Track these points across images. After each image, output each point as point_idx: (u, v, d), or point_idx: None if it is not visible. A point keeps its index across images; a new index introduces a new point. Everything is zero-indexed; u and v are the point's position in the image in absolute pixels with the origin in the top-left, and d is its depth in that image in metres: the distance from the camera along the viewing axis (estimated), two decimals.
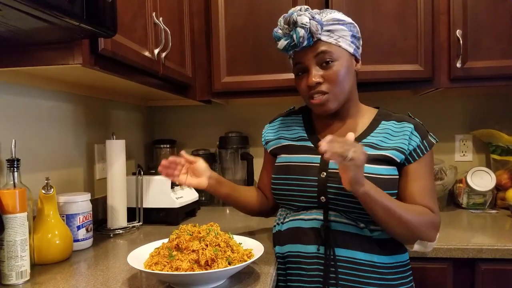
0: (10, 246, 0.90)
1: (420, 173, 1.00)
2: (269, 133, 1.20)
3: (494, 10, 1.48)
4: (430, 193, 1.01)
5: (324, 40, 0.99)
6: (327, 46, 0.99)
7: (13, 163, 0.95)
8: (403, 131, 1.03)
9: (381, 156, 1.00)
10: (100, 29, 0.82)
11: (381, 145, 1.01)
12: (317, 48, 0.99)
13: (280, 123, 1.19)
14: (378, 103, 1.18)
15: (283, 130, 1.16)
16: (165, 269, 0.84)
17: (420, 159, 1.01)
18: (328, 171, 1.01)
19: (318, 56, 0.99)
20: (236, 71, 1.60)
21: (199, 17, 1.65)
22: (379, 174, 0.98)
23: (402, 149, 1.00)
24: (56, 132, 1.32)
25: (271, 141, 1.18)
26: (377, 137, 1.03)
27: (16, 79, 1.13)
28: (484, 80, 1.51)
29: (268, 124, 1.24)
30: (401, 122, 1.05)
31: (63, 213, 1.15)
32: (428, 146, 1.02)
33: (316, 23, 0.96)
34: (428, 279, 1.25)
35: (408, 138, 1.01)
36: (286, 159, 1.09)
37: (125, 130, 1.79)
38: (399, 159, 1.00)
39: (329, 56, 0.99)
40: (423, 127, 1.04)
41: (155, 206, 1.48)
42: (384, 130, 1.04)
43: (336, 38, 1.00)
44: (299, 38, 0.96)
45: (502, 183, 1.70)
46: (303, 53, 1.01)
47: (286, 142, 1.13)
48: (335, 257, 0.98)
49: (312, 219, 1.02)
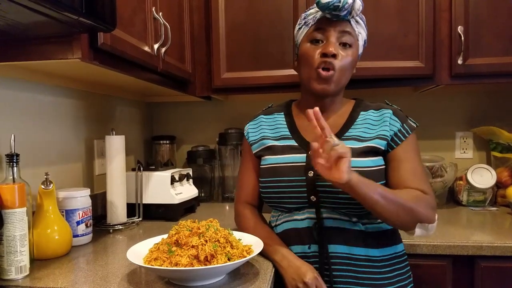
0: (9, 241, 0.90)
1: (406, 156, 1.00)
2: (252, 133, 1.16)
3: (495, 7, 1.47)
4: (419, 175, 0.99)
5: (352, 24, 1.02)
6: (352, 31, 1.02)
7: (12, 158, 0.95)
8: (382, 119, 1.04)
9: (365, 148, 1.00)
10: (99, 23, 0.81)
11: (364, 137, 1.02)
12: (344, 26, 1.01)
13: (261, 121, 1.17)
14: (378, 99, 1.17)
15: (266, 129, 1.14)
16: (164, 264, 0.84)
17: (403, 143, 1.01)
18: (315, 169, 1.00)
19: (342, 33, 1.01)
20: (236, 67, 1.59)
21: (199, 12, 1.64)
22: (366, 167, 0.98)
23: (385, 136, 1.01)
24: (55, 127, 1.31)
25: (254, 143, 1.14)
26: (358, 128, 1.04)
27: (15, 74, 1.12)
28: (485, 77, 1.50)
29: (249, 122, 1.20)
30: (379, 110, 1.06)
31: (63, 208, 1.15)
32: (409, 129, 1.02)
33: (360, 4, 0.99)
34: (427, 276, 1.25)
35: (388, 124, 1.02)
36: (272, 161, 1.07)
37: (124, 126, 1.79)
38: (382, 146, 1.00)
39: (350, 41, 1.02)
40: (401, 112, 1.06)
41: (154, 202, 1.48)
42: (364, 121, 1.05)
43: (358, 32, 1.04)
44: (344, 3, 0.96)
45: (502, 181, 1.70)
46: (331, 23, 1.01)
47: (269, 142, 1.10)
48: (328, 255, 0.98)
49: (305, 218, 1.02)
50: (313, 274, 0.92)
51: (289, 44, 1.56)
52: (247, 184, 1.16)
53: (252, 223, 1.10)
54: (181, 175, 1.58)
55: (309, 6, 1.55)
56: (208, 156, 1.93)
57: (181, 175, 1.58)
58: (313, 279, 0.90)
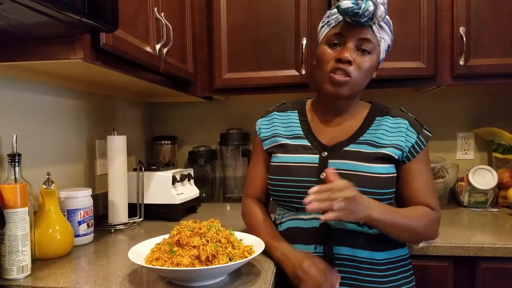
0: (11, 240, 0.90)
1: (420, 170, 1.02)
2: (264, 129, 1.16)
3: (497, 8, 1.47)
4: (430, 189, 1.03)
5: (373, 30, 0.99)
6: (373, 38, 0.99)
7: (14, 158, 0.95)
8: (398, 128, 1.04)
9: (380, 154, 1.00)
10: (101, 24, 0.81)
11: (379, 142, 1.02)
12: (365, 33, 0.98)
13: (274, 118, 1.16)
14: (379, 100, 1.17)
15: (278, 126, 1.13)
16: (166, 264, 0.84)
17: (419, 156, 1.02)
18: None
19: (361, 40, 0.98)
20: (238, 67, 1.59)
21: (200, 13, 1.65)
22: (377, 173, 0.98)
23: (400, 146, 1.01)
24: (57, 127, 1.32)
25: (266, 139, 1.14)
26: (373, 133, 1.04)
27: (17, 74, 1.13)
28: (487, 78, 1.50)
29: (261, 118, 1.19)
30: (395, 117, 1.06)
31: (64, 208, 1.15)
32: (424, 140, 1.04)
33: (383, 11, 0.96)
34: (429, 277, 1.25)
35: (404, 134, 1.02)
36: (284, 159, 1.07)
37: (126, 126, 1.79)
38: (397, 156, 1.01)
39: (369, 47, 0.99)
40: (416, 121, 1.06)
41: (155, 202, 1.48)
42: (380, 127, 1.05)
43: (381, 38, 1.01)
44: (365, 10, 0.93)
45: (503, 182, 1.70)
46: (351, 28, 0.98)
47: (282, 140, 1.10)
48: (333, 256, 0.98)
49: (312, 218, 1.01)
50: (309, 259, 0.91)
51: (290, 45, 1.56)
52: (256, 179, 1.16)
53: (257, 219, 1.10)
54: (182, 175, 1.58)
55: (311, 7, 1.56)
56: (209, 156, 1.93)
57: (182, 175, 1.58)
58: (309, 264, 0.90)
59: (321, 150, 1.04)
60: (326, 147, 1.04)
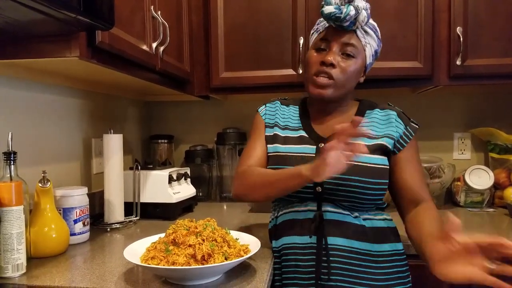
0: (6, 239, 0.90)
1: (411, 159, 1.05)
2: (269, 116, 1.16)
3: (494, 8, 1.47)
4: (423, 179, 1.05)
5: (358, 35, 1.02)
6: (357, 42, 1.03)
7: (10, 156, 0.95)
8: (388, 118, 1.08)
9: (375, 145, 1.02)
10: (97, 22, 0.81)
11: (373, 134, 1.04)
12: (348, 38, 1.02)
13: (278, 108, 1.18)
14: (376, 100, 1.17)
15: (280, 117, 1.15)
16: (161, 263, 0.83)
17: (408, 146, 1.05)
18: None
19: (345, 44, 1.02)
20: (235, 66, 1.59)
21: (197, 11, 1.64)
22: (376, 164, 1.01)
23: (392, 136, 1.04)
24: (53, 126, 1.31)
25: (268, 126, 1.14)
26: (367, 126, 1.06)
27: (13, 72, 1.12)
28: (484, 78, 1.51)
29: (267, 104, 1.19)
30: (384, 110, 1.10)
31: (60, 206, 1.15)
32: (412, 131, 1.06)
33: (366, 16, 0.99)
34: (425, 277, 1.24)
35: (394, 125, 1.06)
36: (282, 149, 1.08)
37: (122, 125, 1.79)
38: (390, 145, 1.03)
39: (353, 52, 1.02)
40: (404, 114, 1.09)
41: (152, 201, 1.48)
42: (371, 119, 1.08)
43: (366, 42, 1.04)
44: (346, 14, 0.97)
45: (500, 182, 1.70)
46: (335, 33, 1.02)
47: (281, 131, 1.12)
48: (327, 246, 0.98)
49: (307, 210, 1.02)
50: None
51: (288, 44, 1.56)
52: (255, 154, 1.12)
53: (261, 170, 1.04)
54: (179, 174, 1.57)
55: (308, 7, 1.56)
56: (206, 155, 1.93)
57: (179, 175, 1.58)
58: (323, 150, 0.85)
59: (318, 141, 1.06)
60: (324, 138, 1.07)
